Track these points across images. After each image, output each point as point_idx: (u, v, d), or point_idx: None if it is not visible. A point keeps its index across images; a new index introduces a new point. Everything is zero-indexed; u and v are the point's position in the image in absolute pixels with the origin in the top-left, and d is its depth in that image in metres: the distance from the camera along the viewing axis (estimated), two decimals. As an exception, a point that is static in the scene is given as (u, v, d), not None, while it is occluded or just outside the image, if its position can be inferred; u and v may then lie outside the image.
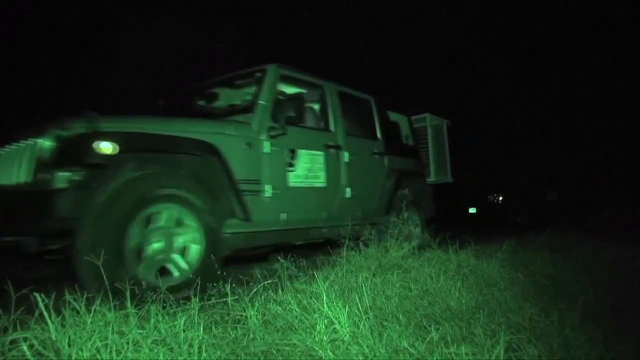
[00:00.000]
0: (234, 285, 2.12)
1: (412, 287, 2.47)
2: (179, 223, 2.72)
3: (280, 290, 2.25)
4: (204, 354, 1.52)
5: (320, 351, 1.61)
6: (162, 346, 1.50)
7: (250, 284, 2.26)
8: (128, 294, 1.67)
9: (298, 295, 2.07)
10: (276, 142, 3.39)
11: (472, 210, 15.46)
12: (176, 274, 2.64)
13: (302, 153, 3.62)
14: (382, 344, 1.64)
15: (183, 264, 2.68)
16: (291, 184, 3.50)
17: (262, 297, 2.10)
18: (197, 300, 1.80)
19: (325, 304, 1.82)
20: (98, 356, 1.39)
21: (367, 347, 1.63)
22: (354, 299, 2.04)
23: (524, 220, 13.28)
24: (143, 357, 1.44)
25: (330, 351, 1.60)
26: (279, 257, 2.73)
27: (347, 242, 3.13)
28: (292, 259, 2.73)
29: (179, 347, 1.50)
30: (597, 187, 16.55)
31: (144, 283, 2.19)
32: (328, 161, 3.88)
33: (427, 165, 5.93)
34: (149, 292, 1.92)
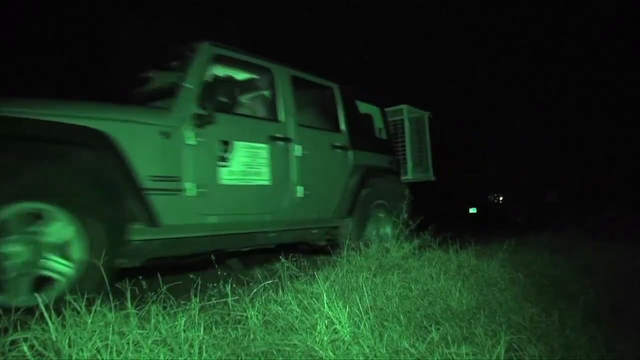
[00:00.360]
0: (234, 285, 2.12)
1: (413, 287, 2.47)
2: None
3: (280, 291, 2.25)
4: (205, 354, 1.52)
5: (321, 351, 1.61)
6: (163, 346, 1.50)
7: (251, 284, 2.27)
8: (129, 294, 1.68)
9: (298, 295, 2.07)
10: (204, 133, 2.91)
11: (472, 210, 15.46)
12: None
13: (238, 145, 3.12)
14: (382, 344, 1.64)
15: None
16: (224, 182, 3.02)
17: (263, 298, 2.11)
18: (198, 300, 1.80)
19: (325, 304, 1.82)
20: (98, 356, 1.39)
21: (368, 347, 1.63)
22: (354, 299, 2.04)
23: (523, 220, 13.28)
24: (143, 357, 1.44)
25: (331, 351, 1.60)
26: (280, 257, 2.74)
27: (350, 246, 3.11)
28: (293, 259, 2.74)
29: (180, 348, 1.50)
30: (597, 187, 16.56)
31: None
32: (274, 155, 3.38)
33: (405, 162, 5.40)
34: None
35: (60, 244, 2.21)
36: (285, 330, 1.81)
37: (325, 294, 1.90)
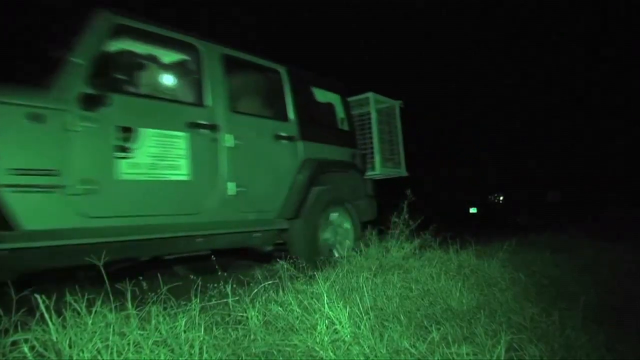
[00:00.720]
0: (234, 286, 2.12)
1: (413, 287, 2.47)
2: None
3: (281, 291, 2.25)
4: (205, 355, 1.52)
5: (321, 352, 1.61)
6: (163, 347, 1.50)
7: (251, 284, 2.27)
8: (129, 294, 1.68)
9: (299, 295, 2.07)
10: (95, 117, 2.44)
11: (472, 210, 15.49)
12: None
13: (145, 133, 2.64)
14: (383, 344, 1.64)
15: None
16: (123, 177, 2.53)
17: (263, 298, 2.11)
18: (198, 301, 1.81)
19: (326, 305, 1.82)
20: (99, 357, 1.39)
21: (368, 347, 1.63)
22: (354, 299, 2.04)
23: (524, 220, 13.31)
24: (144, 358, 1.44)
25: (331, 352, 1.60)
26: (279, 259, 2.74)
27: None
28: (292, 260, 2.74)
29: (180, 348, 1.50)
30: (598, 187, 16.57)
31: None
32: (195, 146, 2.91)
33: (372, 156, 4.95)
34: None
35: None
36: (285, 330, 1.81)
37: (325, 294, 1.91)
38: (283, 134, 3.57)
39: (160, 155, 2.72)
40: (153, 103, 2.81)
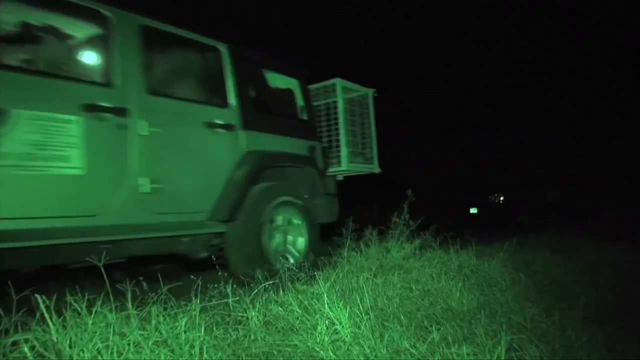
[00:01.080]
0: (234, 286, 2.12)
1: (414, 287, 2.47)
2: None
3: (281, 291, 2.26)
4: (205, 355, 1.52)
5: (322, 352, 1.61)
6: (163, 347, 1.50)
7: (251, 285, 2.27)
8: (129, 295, 1.68)
9: (299, 296, 2.08)
10: None
11: (473, 210, 15.49)
12: None
13: (20, 116, 2.16)
14: (383, 345, 1.64)
15: None
16: None
17: (263, 298, 2.11)
18: (198, 301, 1.81)
19: (326, 305, 1.82)
20: (99, 357, 1.39)
21: (368, 347, 1.63)
22: (355, 299, 2.04)
23: (524, 220, 13.31)
24: (144, 358, 1.44)
25: (332, 352, 1.60)
26: (280, 258, 2.73)
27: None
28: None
29: (180, 348, 1.50)
30: (598, 187, 16.58)
31: None
32: (94, 133, 2.42)
33: (339, 150, 4.43)
34: None
35: None
36: (286, 330, 1.81)
37: (325, 295, 1.91)
38: (219, 122, 3.09)
39: (42, 144, 2.22)
40: (31, 79, 2.28)
